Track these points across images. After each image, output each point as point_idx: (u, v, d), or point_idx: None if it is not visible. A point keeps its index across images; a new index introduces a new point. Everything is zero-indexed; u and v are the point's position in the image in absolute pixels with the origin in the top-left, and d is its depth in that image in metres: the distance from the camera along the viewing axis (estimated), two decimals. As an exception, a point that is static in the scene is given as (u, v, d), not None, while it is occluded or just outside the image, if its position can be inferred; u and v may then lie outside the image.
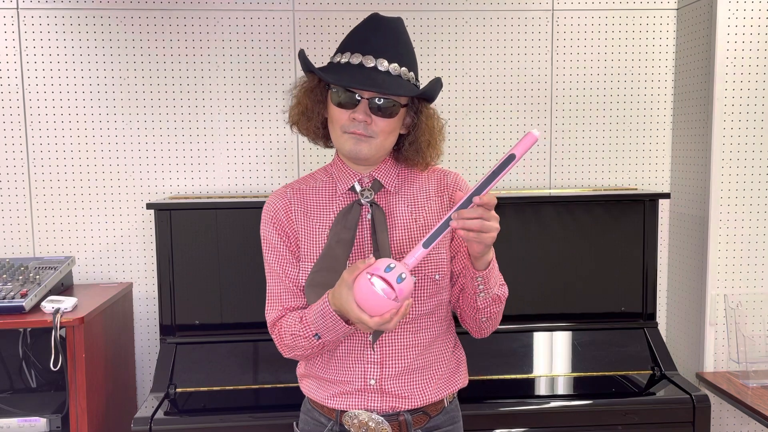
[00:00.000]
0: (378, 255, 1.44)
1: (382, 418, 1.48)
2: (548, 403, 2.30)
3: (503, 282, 1.52)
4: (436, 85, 1.50)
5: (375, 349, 1.49)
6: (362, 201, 1.51)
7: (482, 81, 2.81)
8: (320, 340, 1.43)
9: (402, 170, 1.56)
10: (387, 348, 1.49)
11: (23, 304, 2.19)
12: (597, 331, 2.55)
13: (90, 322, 2.23)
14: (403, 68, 1.45)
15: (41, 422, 2.24)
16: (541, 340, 2.54)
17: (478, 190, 1.33)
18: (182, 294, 2.46)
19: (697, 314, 2.67)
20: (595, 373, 2.45)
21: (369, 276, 1.28)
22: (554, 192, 2.66)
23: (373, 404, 1.49)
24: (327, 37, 2.73)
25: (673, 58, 2.84)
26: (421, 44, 2.77)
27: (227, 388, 2.34)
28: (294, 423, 1.64)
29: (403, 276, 1.27)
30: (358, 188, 1.52)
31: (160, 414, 2.17)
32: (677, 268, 2.82)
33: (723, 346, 2.62)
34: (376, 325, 1.29)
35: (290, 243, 1.52)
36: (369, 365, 1.49)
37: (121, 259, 2.74)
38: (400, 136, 1.53)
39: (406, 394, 1.49)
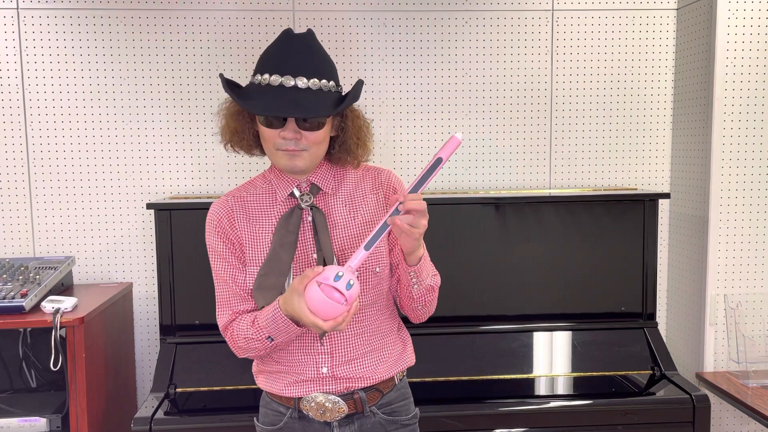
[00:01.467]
0: (321, 255, 1.54)
1: (338, 398, 1.56)
2: (548, 403, 2.30)
3: (435, 272, 1.62)
4: (357, 89, 1.54)
5: (324, 342, 1.56)
6: (302, 205, 1.57)
7: (482, 81, 2.81)
8: (273, 342, 1.51)
9: (337, 171, 1.63)
10: (335, 339, 1.57)
11: (23, 304, 2.19)
12: (597, 331, 2.55)
13: (90, 322, 2.23)
14: (323, 81, 1.49)
15: (41, 422, 2.24)
16: (541, 340, 2.54)
17: (411, 192, 1.44)
18: (182, 294, 2.46)
19: (697, 314, 2.67)
20: (595, 373, 2.45)
21: (318, 284, 1.38)
22: (554, 192, 2.66)
23: (328, 388, 1.57)
24: (327, 37, 2.73)
25: (673, 58, 2.84)
26: (420, 44, 2.77)
27: (227, 388, 2.34)
28: (254, 418, 1.69)
29: (351, 283, 1.38)
30: (297, 193, 1.58)
31: (160, 414, 2.17)
32: (677, 268, 2.82)
33: (723, 346, 2.62)
34: (330, 328, 1.39)
35: (235, 249, 1.58)
36: (320, 356, 1.56)
37: (121, 259, 2.74)
38: (331, 137, 1.59)
39: (359, 376, 1.58)
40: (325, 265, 1.51)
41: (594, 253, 2.57)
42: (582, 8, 2.81)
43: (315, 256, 1.55)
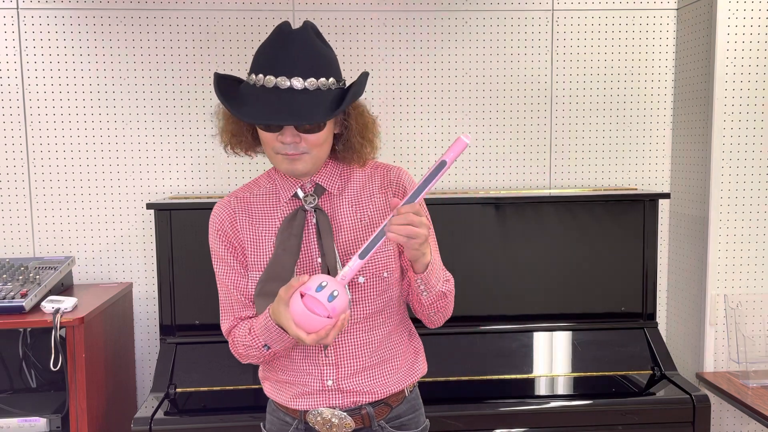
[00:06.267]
0: (324, 261, 1.47)
1: (345, 413, 1.51)
2: (548, 403, 2.31)
3: (448, 277, 1.55)
4: (359, 85, 1.45)
5: (329, 354, 1.50)
6: (306, 207, 1.50)
7: (482, 81, 2.80)
8: (270, 350, 1.46)
9: (344, 170, 1.56)
10: (341, 349, 1.50)
11: (23, 304, 2.19)
12: (597, 331, 2.55)
13: (90, 322, 2.23)
14: (321, 79, 1.40)
15: (41, 422, 2.24)
16: (541, 340, 2.53)
17: (411, 198, 1.36)
18: (182, 294, 2.46)
19: (697, 314, 2.67)
20: (595, 373, 2.45)
21: (302, 295, 1.32)
22: (554, 192, 2.66)
23: (334, 401, 1.51)
24: (327, 37, 2.70)
25: (673, 58, 2.84)
26: (421, 44, 2.77)
27: (227, 388, 2.34)
28: (261, 424, 1.65)
29: (335, 293, 1.30)
30: (300, 195, 1.51)
31: (160, 414, 2.17)
32: (677, 268, 2.82)
33: (723, 346, 2.62)
34: (312, 341, 1.31)
35: (237, 253, 1.53)
36: (325, 367, 1.50)
37: (121, 259, 2.74)
38: (336, 134, 1.52)
39: (366, 390, 1.52)
40: (328, 270, 1.45)
41: (594, 253, 2.57)
42: (582, 8, 2.81)
43: (319, 260, 1.48)
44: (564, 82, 2.83)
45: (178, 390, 2.33)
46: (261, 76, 1.41)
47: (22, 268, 2.43)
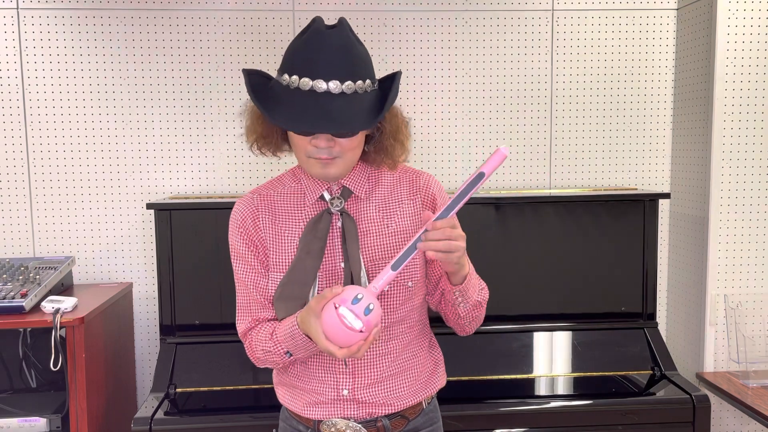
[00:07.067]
0: (348, 266, 1.43)
1: (360, 425, 1.46)
2: (548, 403, 2.31)
3: (483, 286, 1.52)
4: (396, 90, 1.41)
5: (347, 362, 1.46)
6: (332, 210, 1.47)
7: (482, 81, 2.80)
8: (292, 357, 1.43)
9: (372, 172, 1.52)
10: (359, 359, 1.45)
11: (23, 304, 2.19)
12: (597, 331, 2.55)
13: (90, 322, 2.23)
14: (358, 82, 1.36)
15: (41, 422, 2.24)
16: (541, 340, 2.54)
17: (446, 211, 1.33)
18: (182, 294, 2.46)
19: (697, 314, 2.67)
20: (595, 373, 2.45)
21: (336, 307, 1.27)
22: (554, 192, 2.66)
23: (349, 412, 1.47)
24: (327, 37, 2.72)
25: (673, 58, 2.84)
26: (420, 44, 2.77)
27: (227, 388, 2.34)
28: (273, 430, 1.63)
29: (371, 307, 1.26)
30: (327, 197, 1.48)
31: (160, 414, 2.17)
32: (677, 268, 2.82)
33: (723, 346, 2.62)
34: (344, 356, 1.28)
35: (258, 253, 1.49)
36: (341, 376, 1.47)
37: (121, 259, 2.74)
38: (367, 136, 1.48)
39: (382, 401, 1.48)
40: (352, 276, 1.42)
41: (594, 253, 2.57)
42: (582, 8, 2.81)
43: (342, 265, 1.44)
44: (564, 82, 2.83)
45: (178, 390, 2.33)
46: (296, 77, 1.35)
47: (22, 268, 2.43)
